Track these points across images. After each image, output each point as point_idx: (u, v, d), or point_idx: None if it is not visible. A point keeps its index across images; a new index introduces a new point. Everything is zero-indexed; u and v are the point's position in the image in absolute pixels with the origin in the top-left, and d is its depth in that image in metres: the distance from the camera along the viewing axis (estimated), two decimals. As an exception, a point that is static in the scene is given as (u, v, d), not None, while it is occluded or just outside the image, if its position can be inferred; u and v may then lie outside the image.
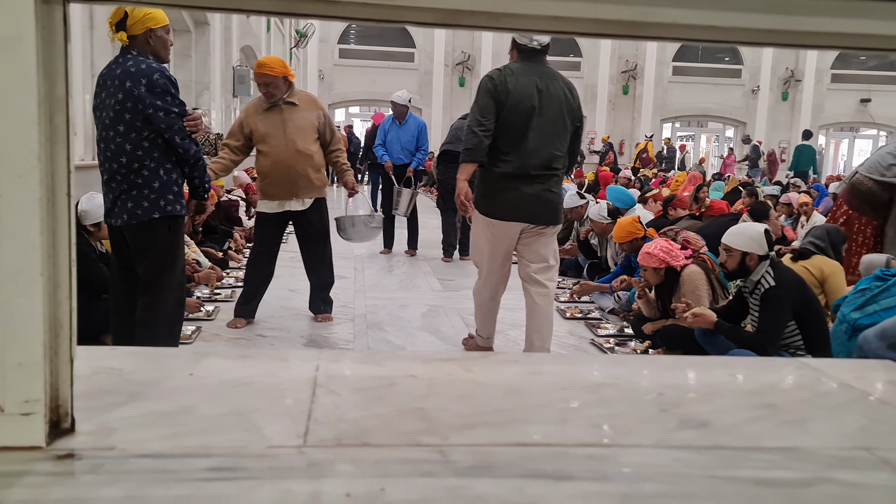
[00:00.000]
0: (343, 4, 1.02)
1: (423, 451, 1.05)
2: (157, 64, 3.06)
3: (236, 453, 1.02)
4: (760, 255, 3.66)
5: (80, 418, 1.08)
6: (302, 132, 4.44)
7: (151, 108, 2.98)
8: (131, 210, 3.04)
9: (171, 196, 3.10)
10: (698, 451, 1.11)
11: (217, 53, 10.61)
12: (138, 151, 3.02)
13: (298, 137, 4.42)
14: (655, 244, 4.35)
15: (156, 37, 3.10)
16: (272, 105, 4.45)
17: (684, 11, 1.04)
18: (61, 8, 0.96)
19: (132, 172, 3.03)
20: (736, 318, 3.90)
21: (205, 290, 5.38)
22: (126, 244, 3.17)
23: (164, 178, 3.08)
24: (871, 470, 1.06)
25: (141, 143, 3.02)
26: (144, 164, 3.03)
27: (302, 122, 4.46)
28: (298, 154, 4.42)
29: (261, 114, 4.47)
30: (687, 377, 1.52)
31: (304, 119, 4.47)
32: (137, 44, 3.08)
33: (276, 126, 4.43)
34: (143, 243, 3.12)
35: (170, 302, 3.16)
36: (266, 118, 4.45)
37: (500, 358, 1.65)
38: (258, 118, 4.47)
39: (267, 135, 4.43)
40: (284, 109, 4.45)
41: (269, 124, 4.44)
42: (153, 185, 3.05)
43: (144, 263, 3.12)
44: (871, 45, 1.19)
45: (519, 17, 1.04)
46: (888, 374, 1.53)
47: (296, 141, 4.41)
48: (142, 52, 3.08)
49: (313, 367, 1.40)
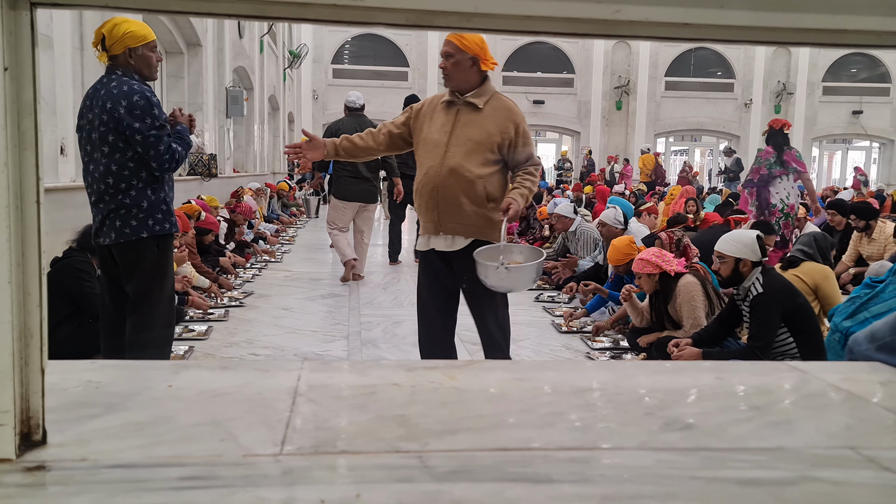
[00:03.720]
0: (314, 7, 1.01)
1: (402, 457, 1.04)
2: (138, 85, 3.03)
3: (211, 462, 1.01)
4: (754, 261, 3.65)
5: (54, 430, 1.07)
6: (468, 146, 3.12)
7: (129, 130, 2.97)
8: (119, 229, 3.03)
9: (160, 215, 3.09)
10: (682, 452, 1.09)
11: (210, 75, 10.64)
12: (124, 172, 3.02)
13: (460, 152, 3.11)
14: (648, 251, 4.35)
15: (137, 55, 3.08)
16: (451, 99, 3.19)
17: (657, 9, 1.04)
18: (28, 14, 0.95)
19: (120, 193, 3.03)
20: (730, 327, 3.89)
21: (198, 311, 5.36)
22: (115, 263, 3.15)
23: (153, 198, 3.07)
24: (856, 468, 1.04)
25: (126, 163, 3.02)
26: (132, 184, 3.03)
27: (476, 133, 3.12)
28: (452, 174, 3.10)
29: (435, 109, 3.24)
30: (673, 381, 1.50)
31: (480, 130, 3.13)
32: (120, 63, 3.08)
33: (443, 129, 3.16)
34: (131, 262, 3.10)
35: (159, 321, 3.14)
36: (438, 116, 3.21)
37: (485, 365, 1.63)
38: (429, 114, 3.25)
39: (427, 139, 3.19)
40: (462, 111, 3.16)
41: (437, 125, 3.18)
42: (141, 204, 3.04)
43: (133, 283, 3.10)
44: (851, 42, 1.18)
45: (491, 17, 1.04)
46: (876, 375, 1.52)
47: (455, 156, 3.11)
48: (126, 71, 3.07)
49: (295, 376, 1.39)
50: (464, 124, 3.13)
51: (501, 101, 3.22)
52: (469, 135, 3.12)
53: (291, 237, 10.86)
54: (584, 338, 4.95)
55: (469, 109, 3.16)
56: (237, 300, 5.91)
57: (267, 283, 6.93)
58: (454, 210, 3.13)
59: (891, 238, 6.60)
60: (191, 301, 5.36)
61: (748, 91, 24.48)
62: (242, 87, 13.13)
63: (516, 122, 3.17)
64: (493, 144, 3.12)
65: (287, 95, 20.46)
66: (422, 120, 3.24)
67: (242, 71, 13.52)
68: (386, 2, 0.99)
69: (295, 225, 12.65)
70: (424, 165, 3.17)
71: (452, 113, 3.16)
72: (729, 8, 1.05)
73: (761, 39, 1.13)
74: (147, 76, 3.13)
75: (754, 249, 3.66)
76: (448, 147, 3.11)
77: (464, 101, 3.16)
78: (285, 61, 19.29)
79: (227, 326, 5.09)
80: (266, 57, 15.97)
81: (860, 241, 6.94)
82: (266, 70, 16.06)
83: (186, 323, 5.03)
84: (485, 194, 3.13)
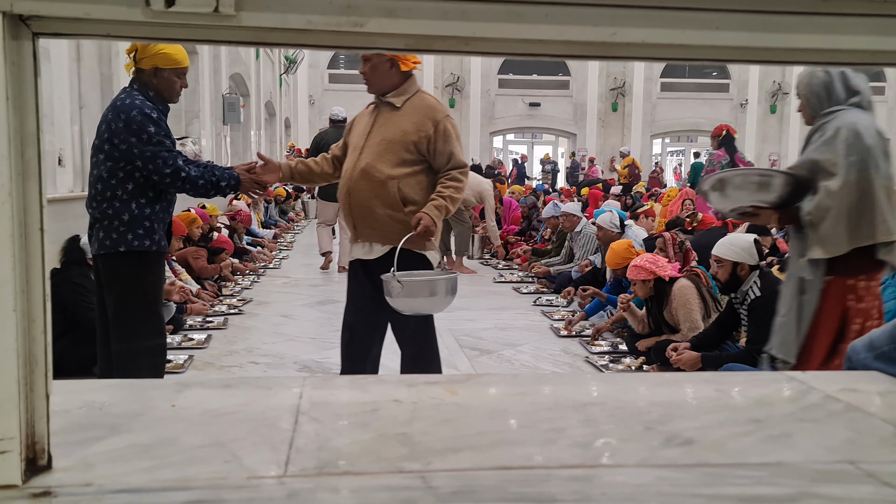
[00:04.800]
0: (315, 33, 1.02)
1: (405, 478, 1.04)
2: (142, 101, 3.00)
3: (216, 485, 1.01)
4: (751, 265, 3.67)
5: (58, 454, 1.07)
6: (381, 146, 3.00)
7: (125, 145, 2.96)
8: (101, 240, 3.02)
9: (142, 231, 3.02)
10: (683, 469, 1.10)
11: (206, 82, 10.65)
12: (112, 180, 3.00)
13: (373, 153, 2.99)
14: (642, 257, 4.36)
15: (162, 77, 3.08)
16: (375, 103, 3.14)
17: (652, 31, 1.05)
18: (31, 43, 0.96)
19: (105, 200, 3.01)
20: (728, 330, 3.90)
21: (197, 319, 5.37)
22: (99, 272, 3.15)
23: (136, 213, 3.00)
24: (856, 484, 1.05)
25: (116, 172, 2.99)
26: (116, 193, 2.99)
27: (391, 132, 3.00)
28: (363, 175, 2.98)
29: (363, 114, 3.19)
30: (674, 394, 1.51)
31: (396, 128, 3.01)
32: (143, 78, 3.08)
33: (363, 132, 3.08)
34: (110, 275, 3.07)
35: (144, 334, 3.08)
36: (359, 122, 3.17)
37: (487, 379, 1.64)
38: (359, 120, 3.20)
39: (349, 144, 3.15)
40: (381, 111, 3.08)
41: (360, 129, 3.12)
42: (122, 217, 2.99)
43: (113, 296, 3.08)
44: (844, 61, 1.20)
45: (489, 41, 1.05)
46: (874, 385, 1.53)
47: (367, 157, 2.99)
48: (145, 87, 3.07)
49: (297, 394, 1.39)
50: (380, 125, 3.02)
51: (424, 98, 3.08)
52: (383, 134, 2.99)
53: (289, 243, 10.87)
54: (582, 342, 4.96)
55: (387, 109, 3.05)
56: (236, 308, 5.91)
57: (265, 290, 6.94)
58: (367, 214, 2.99)
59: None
60: (190, 309, 5.36)
61: (743, 91, 24.56)
62: (239, 93, 13.15)
63: (436, 119, 3.00)
64: (410, 143, 2.95)
65: (283, 101, 20.48)
66: (352, 131, 3.18)
67: (239, 77, 13.54)
68: (385, 27, 1.00)
69: (293, 230, 12.66)
70: (343, 170, 3.10)
71: (373, 115, 3.09)
72: (725, 29, 1.06)
73: (756, 59, 1.15)
74: (166, 99, 3.13)
75: (752, 253, 3.68)
76: (363, 149, 3.00)
77: (383, 102, 3.07)
78: (281, 67, 19.31)
79: (227, 335, 5.10)
80: (262, 63, 15.99)
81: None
82: (262, 76, 16.08)
83: (186, 331, 5.04)
84: (400, 197, 2.95)
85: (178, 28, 0.99)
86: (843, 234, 2.62)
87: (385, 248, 2.97)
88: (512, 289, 7.27)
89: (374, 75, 3.02)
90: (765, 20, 1.07)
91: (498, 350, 4.79)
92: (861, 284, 2.68)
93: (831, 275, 2.68)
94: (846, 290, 2.68)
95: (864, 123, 2.63)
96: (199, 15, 0.96)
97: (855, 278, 2.68)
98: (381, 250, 3.00)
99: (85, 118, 5.71)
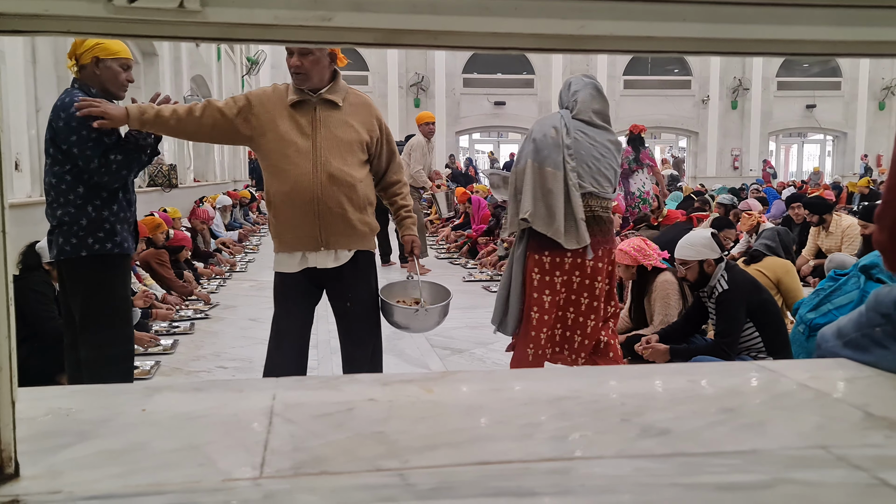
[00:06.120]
0: (282, 28, 1.01)
1: (383, 476, 1.04)
2: (83, 96, 2.89)
3: (190, 489, 0.99)
4: (715, 258, 3.71)
5: (26, 462, 1.04)
6: (341, 148, 2.87)
7: (66, 144, 2.87)
8: (61, 246, 2.94)
9: (102, 234, 2.94)
10: (660, 459, 1.10)
11: (167, 84, 10.50)
12: (62, 185, 2.91)
13: (335, 155, 2.86)
14: (630, 242, 4.39)
15: (104, 67, 2.98)
16: (302, 98, 2.87)
17: (621, 23, 1.05)
18: (-12, 41, 0.93)
19: (60, 207, 2.92)
20: (697, 323, 3.95)
21: (163, 324, 5.29)
22: (62, 278, 3.08)
23: (93, 216, 2.93)
24: (828, 468, 1.07)
25: (63, 176, 2.91)
26: (69, 199, 2.91)
27: (344, 133, 2.89)
28: (332, 180, 2.84)
29: (284, 107, 2.87)
30: (647, 386, 1.53)
31: (347, 128, 2.90)
32: (85, 75, 2.99)
33: (303, 131, 2.85)
34: (73, 280, 3.00)
35: (111, 339, 3.01)
36: (290, 116, 2.86)
37: (462, 377, 1.64)
38: (278, 110, 2.86)
39: (287, 142, 2.83)
40: (319, 109, 2.88)
41: (293, 126, 2.85)
42: (80, 221, 2.91)
43: (77, 301, 3.00)
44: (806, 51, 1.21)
45: (458, 35, 1.04)
46: (843, 371, 1.55)
47: (330, 160, 2.84)
48: (88, 84, 2.98)
49: (270, 396, 1.37)
50: (326, 125, 2.84)
51: (358, 96, 2.99)
52: (338, 135, 2.85)
53: (255, 246, 10.77)
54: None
55: (327, 107, 2.86)
56: (202, 312, 5.84)
57: (232, 294, 6.87)
58: (339, 221, 2.84)
59: (847, 230, 6.76)
60: (155, 314, 5.29)
61: (705, 88, 24.89)
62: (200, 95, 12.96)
63: (378, 117, 2.99)
64: (363, 144, 2.90)
65: (247, 102, 20.23)
66: (266, 117, 2.84)
67: (200, 79, 13.38)
68: (354, 21, 0.99)
69: (258, 233, 12.55)
70: (289, 172, 2.81)
71: (308, 113, 2.84)
72: (691, 21, 1.07)
73: (721, 50, 1.16)
74: (113, 93, 3.02)
75: (713, 247, 3.72)
76: (317, 150, 2.81)
77: (319, 99, 2.85)
78: (243, 68, 19.11)
79: (194, 339, 5.03)
80: (224, 64, 15.82)
81: (818, 235, 7.09)
82: (224, 77, 15.91)
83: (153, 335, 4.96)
84: (366, 199, 2.92)
85: (142, 24, 0.97)
86: (513, 214, 3.27)
87: (350, 254, 2.91)
88: (482, 287, 7.29)
89: (316, 69, 2.82)
90: (729, 11, 1.09)
91: (469, 349, 4.79)
92: (545, 259, 3.20)
93: (527, 251, 3.26)
94: (532, 265, 3.21)
95: (543, 122, 3.26)
96: (164, 10, 0.94)
97: (540, 254, 3.20)
98: (347, 256, 2.91)
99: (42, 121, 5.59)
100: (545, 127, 3.20)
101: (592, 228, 3.18)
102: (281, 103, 2.86)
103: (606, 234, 3.28)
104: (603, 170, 3.22)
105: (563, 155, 3.13)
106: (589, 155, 3.18)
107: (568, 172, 3.13)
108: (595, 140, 3.23)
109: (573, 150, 3.15)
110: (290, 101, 2.84)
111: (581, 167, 3.15)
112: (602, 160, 3.22)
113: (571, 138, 3.16)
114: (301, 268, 2.90)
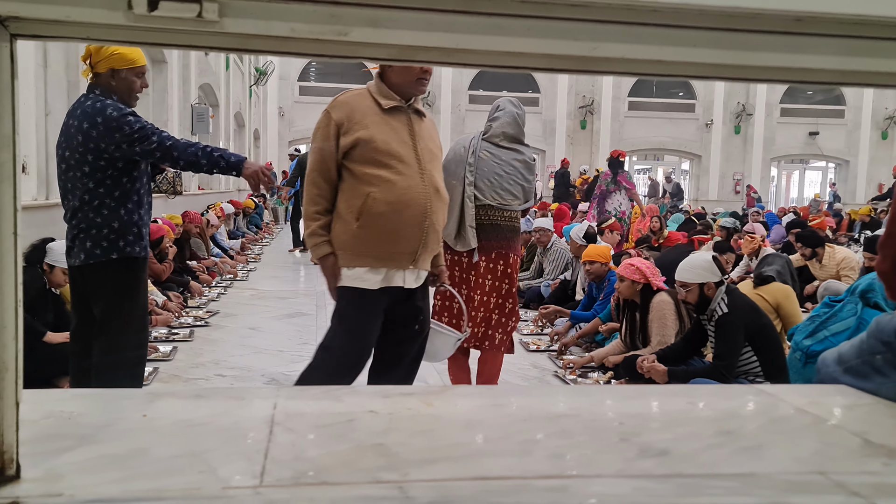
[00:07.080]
0: (299, 41, 1.02)
1: (382, 488, 1.04)
2: (112, 101, 2.94)
3: (190, 496, 1.00)
4: (716, 281, 3.72)
5: (27, 464, 1.05)
6: (436, 161, 2.71)
7: (114, 145, 2.90)
8: (90, 250, 2.97)
9: (131, 237, 3.00)
10: (658, 479, 1.11)
11: (175, 91, 10.55)
12: (100, 189, 2.95)
13: (435, 168, 2.68)
14: (639, 260, 4.40)
15: (120, 78, 3.00)
16: (397, 105, 2.63)
17: (632, 46, 1.07)
18: (8, 45, 0.95)
19: (92, 210, 2.96)
20: (696, 345, 3.95)
21: (162, 330, 5.28)
22: (84, 284, 3.08)
23: (125, 219, 2.98)
24: (826, 494, 1.07)
25: (104, 181, 2.95)
26: (105, 202, 2.96)
27: (433, 146, 2.73)
28: (438, 195, 2.64)
29: (374, 112, 2.61)
30: (646, 406, 1.53)
31: (433, 142, 2.74)
32: (101, 82, 3.02)
33: (402, 140, 2.61)
34: (100, 284, 3.03)
35: (129, 343, 3.04)
36: (385, 122, 2.60)
37: (462, 391, 1.64)
38: (369, 117, 2.59)
39: (389, 150, 2.56)
40: (413, 118, 2.67)
41: (392, 134, 2.59)
42: (112, 224, 2.96)
43: (101, 305, 3.03)
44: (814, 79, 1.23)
45: (472, 53, 1.06)
46: (842, 397, 1.56)
47: (433, 173, 2.65)
48: (105, 91, 3.01)
49: (271, 404, 1.38)
50: (420, 136, 2.65)
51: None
52: (431, 149, 2.67)
53: (257, 255, 10.77)
54: (550, 356, 4.98)
55: (417, 117, 2.68)
56: (202, 320, 5.84)
57: (233, 302, 6.86)
58: (437, 240, 2.69)
59: (843, 263, 6.76)
60: (155, 321, 5.28)
61: (709, 112, 24.97)
62: (208, 103, 13.03)
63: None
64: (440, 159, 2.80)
65: (253, 112, 20.36)
66: (357, 126, 2.57)
67: (208, 87, 13.43)
68: (370, 37, 1.01)
69: (261, 242, 12.56)
70: (396, 183, 2.54)
71: (403, 120, 2.63)
72: (701, 47, 1.08)
73: (730, 76, 1.17)
74: (126, 101, 3.03)
75: (713, 270, 3.73)
76: (421, 162, 2.60)
77: (411, 108, 2.66)
78: (251, 78, 19.20)
79: (193, 347, 5.02)
80: (232, 74, 15.89)
81: (814, 266, 7.10)
82: (232, 87, 15.97)
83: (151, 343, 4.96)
84: None
85: (161, 33, 0.98)
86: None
87: (425, 274, 2.78)
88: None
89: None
90: (739, 38, 1.10)
91: (467, 364, 4.78)
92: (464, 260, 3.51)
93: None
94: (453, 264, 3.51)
95: (458, 141, 3.62)
96: (182, 20, 0.96)
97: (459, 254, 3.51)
98: (423, 277, 2.76)
99: (51, 125, 5.61)
100: (457, 146, 3.59)
101: (488, 234, 3.48)
102: (370, 109, 2.60)
103: (502, 240, 3.53)
104: (506, 185, 3.51)
105: (464, 170, 3.47)
106: (491, 172, 3.49)
107: (465, 186, 3.45)
108: (500, 159, 3.52)
109: (475, 166, 3.48)
110: (386, 105, 2.60)
111: (482, 182, 3.47)
112: (506, 177, 3.51)
113: (476, 157, 3.50)
114: (382, 285, 2.63)
